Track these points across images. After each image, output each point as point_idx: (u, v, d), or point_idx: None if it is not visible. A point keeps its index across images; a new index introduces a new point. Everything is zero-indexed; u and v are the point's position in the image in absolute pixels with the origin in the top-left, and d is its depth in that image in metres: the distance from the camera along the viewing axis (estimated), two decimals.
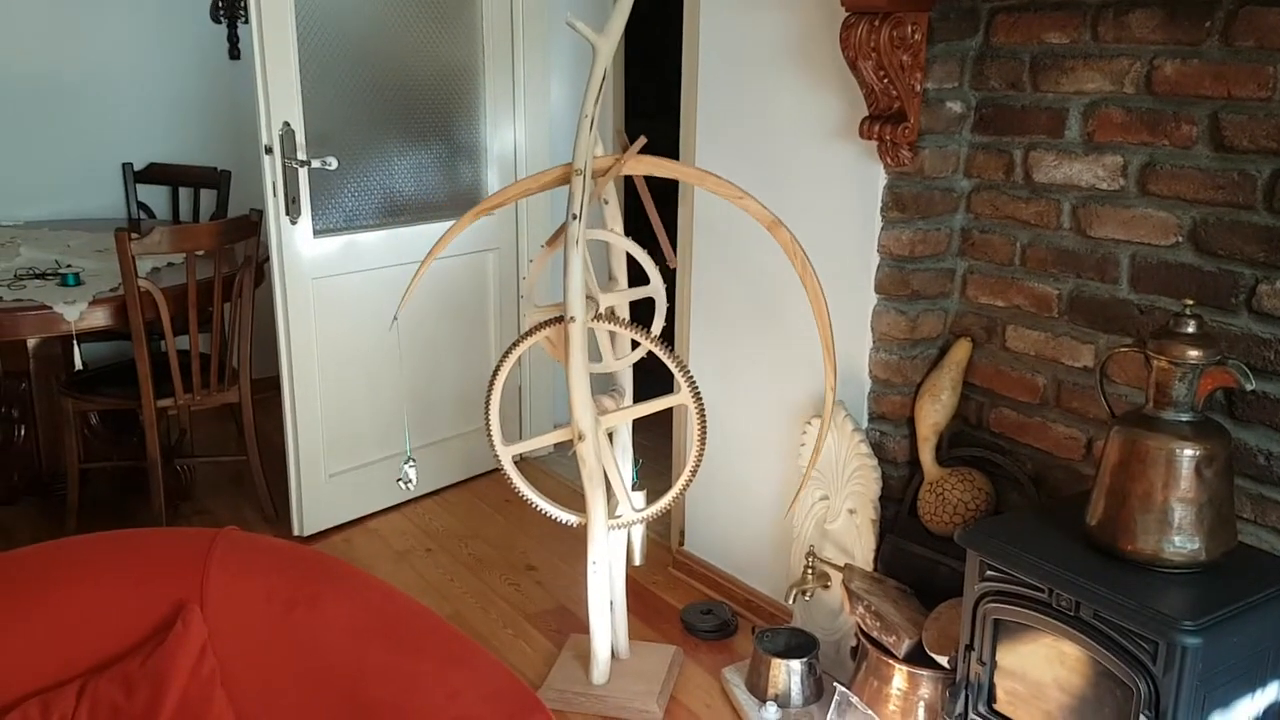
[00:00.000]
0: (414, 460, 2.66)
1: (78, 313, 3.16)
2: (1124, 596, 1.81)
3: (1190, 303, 1.88)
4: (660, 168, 2.43)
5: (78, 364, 3.29)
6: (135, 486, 3.78)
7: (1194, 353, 1.84)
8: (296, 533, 3.54)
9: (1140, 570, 1.88)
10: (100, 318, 3.23)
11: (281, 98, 3.20)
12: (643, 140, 2.41)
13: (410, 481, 2.62)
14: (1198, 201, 2.07)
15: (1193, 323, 1.86)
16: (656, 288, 2.55)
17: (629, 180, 2.61)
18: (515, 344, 2.55)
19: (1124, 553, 1.89)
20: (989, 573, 2.04)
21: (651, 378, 2.91)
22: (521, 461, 2.67)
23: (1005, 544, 2.01)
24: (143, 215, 4.48)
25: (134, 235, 3.12)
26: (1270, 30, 1.91)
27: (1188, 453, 1.84)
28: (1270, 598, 1.85)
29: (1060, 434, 2.39)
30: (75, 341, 3.21)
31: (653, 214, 2.58)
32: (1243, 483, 2.04)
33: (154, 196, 4.54)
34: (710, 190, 2.44)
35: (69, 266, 3.49)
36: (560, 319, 2.46)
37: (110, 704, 1.58)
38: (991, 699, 2.11)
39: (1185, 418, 1.87)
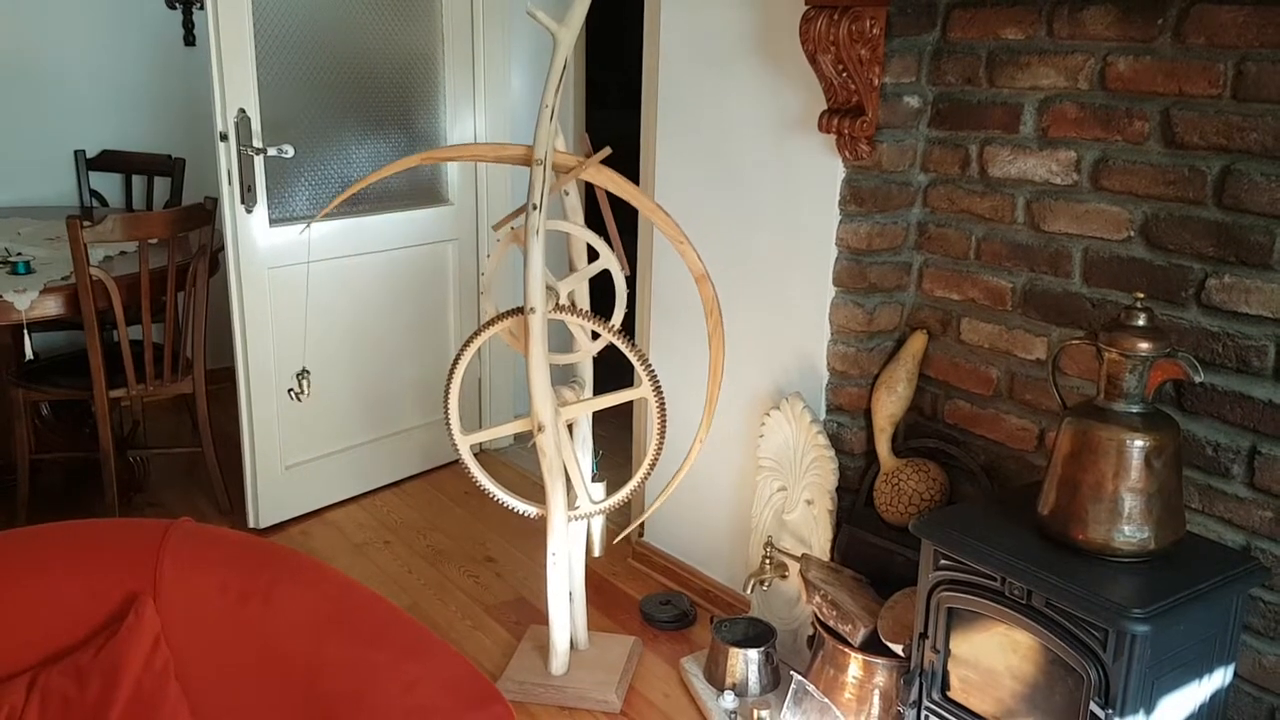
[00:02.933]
0: (308, 372, 2.62)
1: (28, 301, 3.11)
2: (1075, 585, 1.84)
3: (1141, 296, 1.91)
4: (618, 186, 2.42)
5: (28, 354, 3.23)
6: (87, 478, 3.73)
7: (1144, 345, 1.87)
8: (252, 525, 3.51)
9: (1091, 559, 1.91)
10: (51, 307, 3.18)
11: (237, 84, 3.17)
12: (606, 151, 2.40)
13: (302, 392, 2.57)
14: (1149, 197, 2.10)
15: (1143, 316, 1.89)
16: (617, 278, 2.55)
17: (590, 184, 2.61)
18: (475, 334, 2.54)
19: (1075, 542, 1.92)
20: (943, 562, 2.07)
21: (611, 370, 2.91)
22: (481, 454, 2.67)
23: (959, 534, 2.04)
24: (95, 203, 4.41)
25: (86, 223, 3.07)
26: (1221, 28, 1.94)
27: (1138, 443, 1.87)
28: (1217, 586, 1.89)
29: (1013, 425, 2.43)
30: (26, 331, 3.16)
31: (610, 223, 2.58)
32: (1191, 473, 2.08)
33: (107, 184, 4.47)
34: (657, 225, 2.46)
35: (19, 255, 3.43)
36: (520, 310, 2.45)
37: (62, 696, 1.56)
38: (945, 687, 2.14)
39: (1135, 409, 1.90)
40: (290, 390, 2.56)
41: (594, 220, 2.58)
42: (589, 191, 2.90)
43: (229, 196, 3.23)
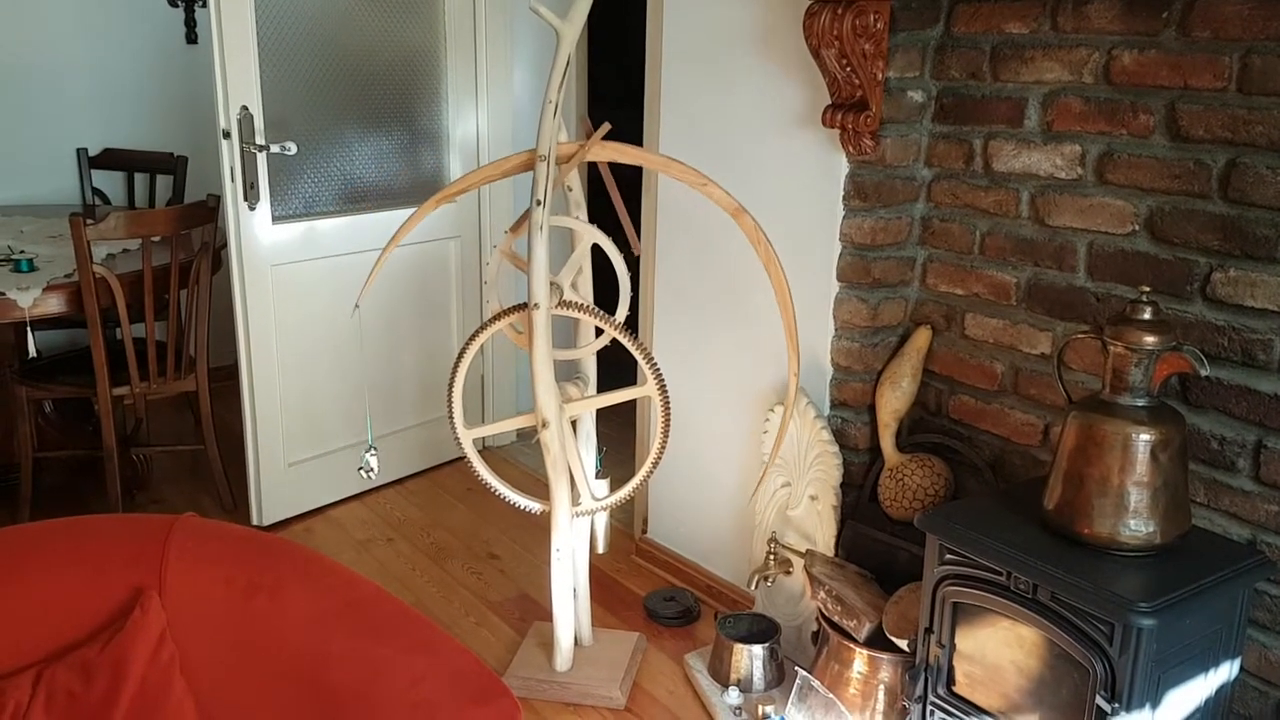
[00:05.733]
0: (375, 449, 2.64)
1: (31, 299, 3.11)
2: (1080, 579, 1.84)
3: (1146, 290, 1.91)
4: (624, 154, 2.43)
5: (31, 351, 3.23)
6: (90, 476, 3.73)
7: (1150, 339, 1.86)
8: (255, 522, 3.50)
9: (1096, 553, 1.91)
10: (54, 304, 3.18)
11: (240, 82, 3.16)
12: (606, 127, 2.40)
13: (372, 470, 2.60)
14: (1154, 190, 2.10)
15: (1149, 309, 1.89)
16: (621, 275, 2.55)
17: (593, 168, 2.60)
18: (479, 329, 2.54)
19: (1081, 536, 1.92)
20: (948, 556, 2.06)
21: (614, 365, 2.91)
22: (484, 451, 2.67)
23: (964, 528, 2.03)
24: (98, 201, 4.41)
25: (89, 220, 3.07)
26: (1226, 21, 1.94)
27: (1143, 437, 1.87)
28: (1223, 580, 1.89)
29: (1018, 420, 2.42)
30: (29, 328, 3.16)
31: (617, 200, 2.58)
32: (1197, 467, 2.08)
33: (109, 182, 4.47)
34: (674, 177, 2.44)
35: (22, 252, 3.43)
36: (524, 305, 2.45)
37: (67, 691, 1.56)
38: (950, 681, 2.13)
39: (1141, 403, 1.90)
40: (360, 469, 2.60)
41: (595, 210, 2.58)
42: (592, 180, 2.90)
43: (232, 194, 3.23)
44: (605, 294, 2.62)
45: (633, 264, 2.63)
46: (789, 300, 2.41)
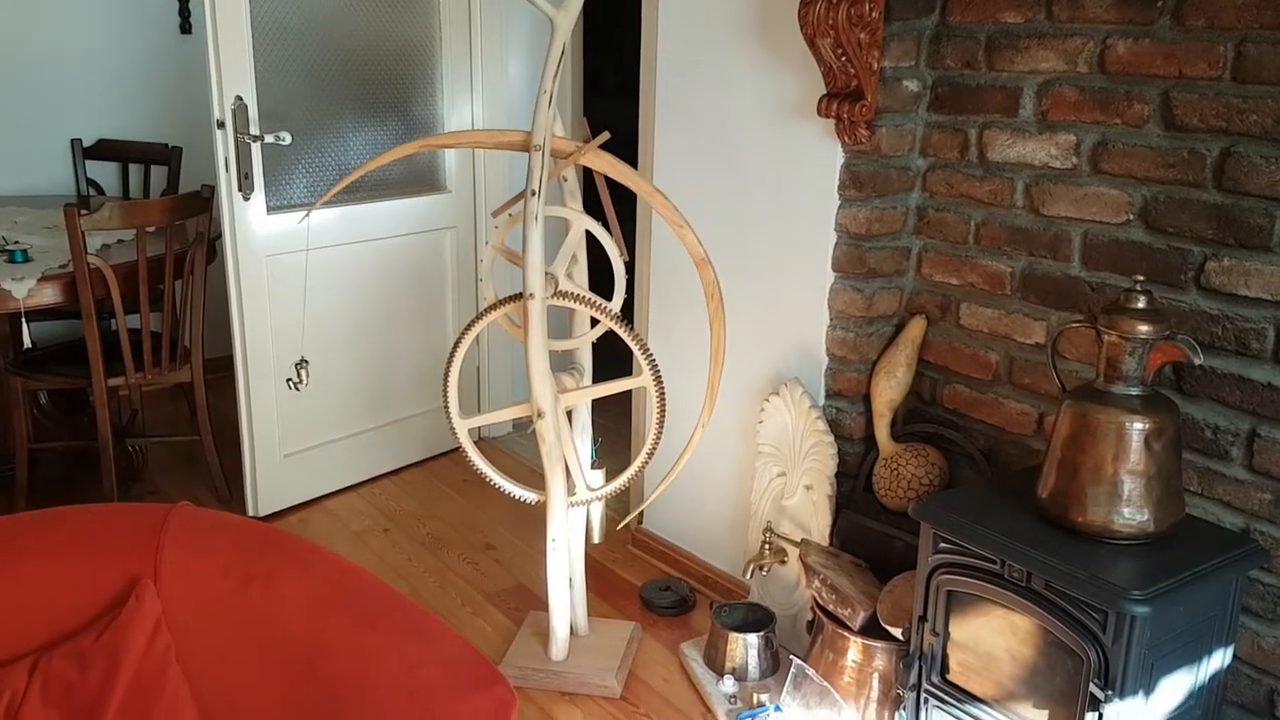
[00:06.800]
0: (307, 362, 2.61)
1: (26, 290, 3.10)
2: (1074, 567, 1.84)
3: (1140, 279, 1.91)
4: (617, 171, 2.42)
5: (26, 342, 3.23)
6: (86, 467, 3.73)
7: (1144, 328, 1.87)
8: (251, 513, 3.50)
9: (1090, 542, 1.91)
10: (49, 295, 3.17)
11: (234, 71, 3.16)
12: (605, 135, 2.40)
13: (301, 384, 2.56)
14: (1148, 180, 2.10)
15: (1143, 298, 1.89)
16: (617, 265, 2.55)
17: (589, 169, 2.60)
18: (475, 320, 2.54)
19: (1074, 524, 1.93)
20: (942, 545, 2.07)
21: (609, 356, 2.91)
22: (480, 442, 2.67)
23: (958, 517, 2.04)
24: (92, 192, 4.40)
25: (83, 211, 3.06)
26: (1220, 10, 1.94)
27: (1137, 426, 1.87)
28: (1216, 568, 1.89)
29: (1012, 409, 2.43)
30: (24, 319, 3.15)
31: (609, 207, 2.57)
32: (1190, 456, 2.08)
33: (104, 173, 4.46)
34: (656, 209, 2.45)
35: (17, 243, 3.42)
36: (519, 296, 2.45)
37: (63, 680, 1.56)
38: (945, 670, 2.14)
39: (1135, 392, 1.90)
40: (289, 380, 2.55)
41: (593, 207, 2.58)
42: (588, 177, 2.90)
43: (226, 184, 3.23)
44: (600, 285, 2.61)
45: (628, 266, 2.63)
46: (721, 359, 2.50)
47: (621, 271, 2.56)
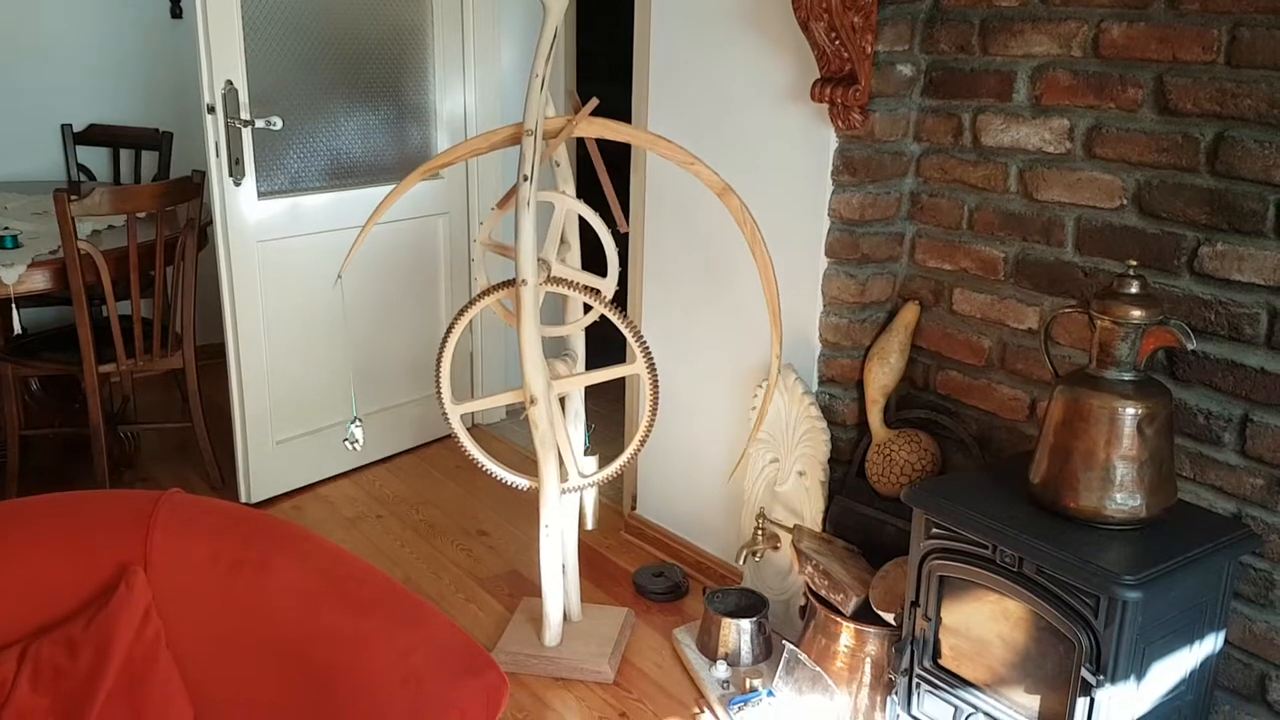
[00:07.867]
0: (360, 420, 2.63)
1: (16, 275, 3.09)
2: (1066, 552, 1.84)
3: (1134, 264, 1.91)
4: (612, 130, 2.41)
5: (17, 328, 3.22)
6: (77, 453, 3.72)
7: (1137, 313, 1.87)
8: (243, 500, 3.50)
9: (1082, 527, 1.91)
10: (39, 281, 3.16)
11: (224, 56, 3.13)
12: (595, 102, 2.39)
13: (356, 442, 2.59)
14: (1142, 164, 2.09)
15: (1136, 284, 1.89)
16: (609, 251, 2.53)
17: (581, 144, 2.59)
18: (467, 306, 2.53)
19: (1067, 510, 1.93)
20: (934, 531, 2.07)
21: (602, 341, 2.90)
22: (473, 428, 2.66)
23: (950, 502, 2.04)
24: (82, 177, 4.38)
25: (73, 197, 3.05)
26: None
27: (1130, 411, 1.87)
28: (1208, 553, 1.89)
29: (1005, 395, 2.43)
30: (14, 305, 3.14)
31: (604, 177, 2.57)
32: (1183, 441, 2.08)
33: (94, 158, 4.44)
34: (661, 154, 2.42)
35: (7, 229, 3.40)
36: (511, 282, 2.44)
37: (53, 667, 1.56)
38: (937, 654, 2.14)
39: (1128, 377, 1.90)
40: (345, 440, 2.57)
41: (585, 190, 2.57)
42: (581, 161, 2.89)
43: (217, 169, 3.21)
44: (593, 270, 2.60)
45: (621, 241, 2.62)
46: (773, 281, 2.41)
47: (614, 258, 2.55)
